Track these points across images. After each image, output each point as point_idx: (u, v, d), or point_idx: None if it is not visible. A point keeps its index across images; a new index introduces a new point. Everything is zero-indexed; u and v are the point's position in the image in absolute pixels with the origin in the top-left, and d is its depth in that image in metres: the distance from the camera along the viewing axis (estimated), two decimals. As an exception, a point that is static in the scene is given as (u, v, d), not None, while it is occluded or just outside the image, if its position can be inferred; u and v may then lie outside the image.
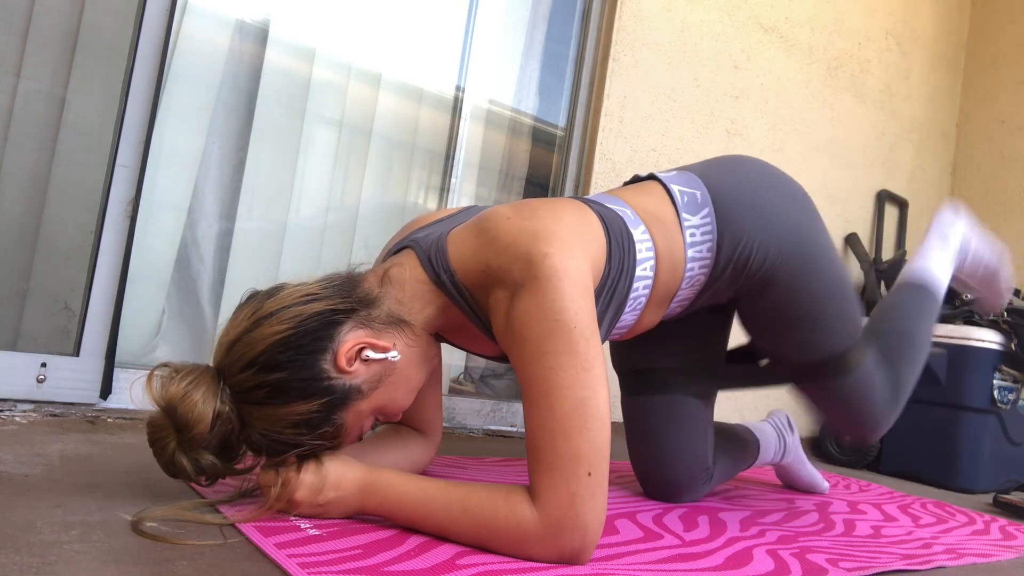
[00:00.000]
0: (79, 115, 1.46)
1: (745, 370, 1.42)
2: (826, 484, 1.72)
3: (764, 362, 1.39)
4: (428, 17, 2.00)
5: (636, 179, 1.28)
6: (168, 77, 1.60)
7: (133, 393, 1.40)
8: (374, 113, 1.93)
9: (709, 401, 1.38)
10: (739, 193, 1.20)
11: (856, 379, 1.30)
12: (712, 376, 1.38)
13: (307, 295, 0.91)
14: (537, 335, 0.87)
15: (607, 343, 1.22)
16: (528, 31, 2.18)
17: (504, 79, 2.16)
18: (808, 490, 1.70)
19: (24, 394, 1.34)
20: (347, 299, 0.92)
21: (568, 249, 0.91)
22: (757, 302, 1.24)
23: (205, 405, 0.84)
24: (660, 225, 1.14)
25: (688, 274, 1.17)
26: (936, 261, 1.53)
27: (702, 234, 1.17)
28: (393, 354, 0.93)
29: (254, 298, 0.92)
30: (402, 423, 1.19)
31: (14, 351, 1.36)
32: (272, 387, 0.86)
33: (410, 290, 0.98)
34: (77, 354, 1.40)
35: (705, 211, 1.17)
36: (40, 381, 1.35)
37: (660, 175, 1.23)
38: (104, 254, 1.42)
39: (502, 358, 1.10)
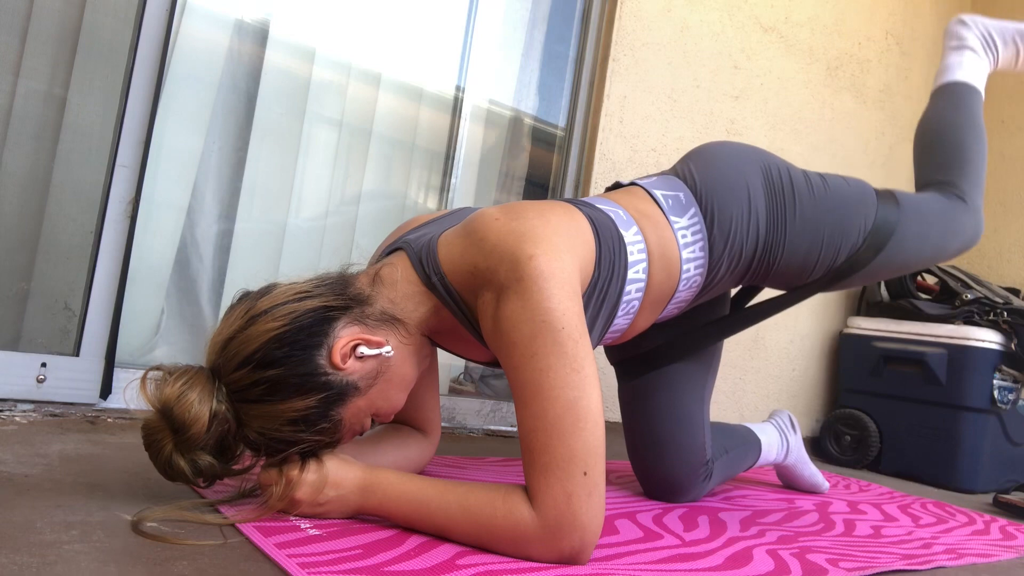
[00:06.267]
0: (79, 115, 1.46)
1: (765, 305, 1.39)
2: (826, 484, 1.72)
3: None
4: (428, 17, 2.00)
5: (617, 185, 1.29)
6: (168, 77, 1.60)
7: (130, 394, 1.40)
8: (374, 113, 1.93)
9: (705, 395, 1.38)
10: (716, 182, 1.21)
11: (906, 224, 1.27)
12: (722, 325, 1.37)
13: (300, 293, 0.91)
14: (524, 337, 0.87)
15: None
16: (528, 31, 2.18)
17: (504, 79, 2.16)
18: (809, 490, 1.70)
19: (24, 394, 1.34)
20: (340, 296, 0.92)
21: (554, 250, 0.91)
22: (771, 275, 1.27)
23: (201, 405, 0.84)
24: (653, 225, 1.14)
25: (684, 275, 1.17)
26: (965, 69, 1.47)
27: (692, 234, 1.17)
28: (387, 350, 0.93)
29: (246, 298, 0.92)
30: (401, 422, 1.19)
31: (14, 351, 1.36)
32: (269, 384, 0.86)
33: (402, 290, 0.98)
34: (77, 354, 1.40)
35: (691, 211, 1.19)
36: (40, 381, 1.35)
37: (641, 181, 1.24)
38: (104, 254, 1.42)
39: (494, 363, 1.09)
